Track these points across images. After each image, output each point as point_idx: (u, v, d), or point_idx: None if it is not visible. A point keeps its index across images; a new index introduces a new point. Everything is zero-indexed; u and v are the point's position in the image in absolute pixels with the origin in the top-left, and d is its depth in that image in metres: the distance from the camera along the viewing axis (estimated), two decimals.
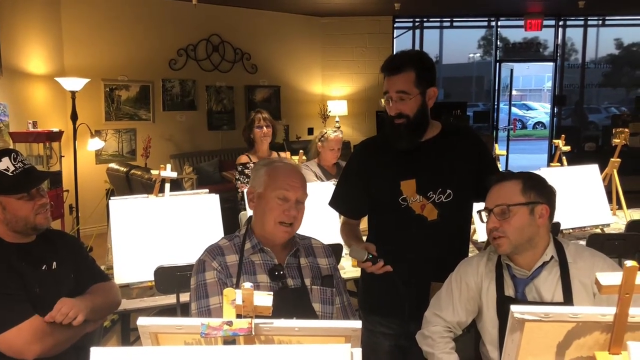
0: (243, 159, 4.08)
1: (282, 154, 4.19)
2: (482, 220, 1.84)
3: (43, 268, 1.90)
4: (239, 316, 1.06)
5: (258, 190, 1.79)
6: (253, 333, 1.03)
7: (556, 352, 1.21)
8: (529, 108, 20.76)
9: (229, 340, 1.05)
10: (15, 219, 1.85)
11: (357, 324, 1.09)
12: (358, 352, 0.98)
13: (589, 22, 10.68)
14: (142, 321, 1.10)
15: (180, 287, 2.46)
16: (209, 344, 1.09)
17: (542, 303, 1.74)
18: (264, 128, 4.04)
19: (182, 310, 2.49)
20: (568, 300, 1.72)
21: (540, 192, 1.77)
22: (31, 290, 1.82)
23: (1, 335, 1.72)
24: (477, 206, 2.29)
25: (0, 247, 1.84)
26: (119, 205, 2.77)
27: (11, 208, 1.84)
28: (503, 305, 1.76)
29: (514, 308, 1.18)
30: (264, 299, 1.08)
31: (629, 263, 1.10)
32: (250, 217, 1.87)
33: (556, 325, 1.17)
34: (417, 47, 10.50)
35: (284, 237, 1.78)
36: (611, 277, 1.11)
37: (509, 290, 1.79)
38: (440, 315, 1.87)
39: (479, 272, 1.85)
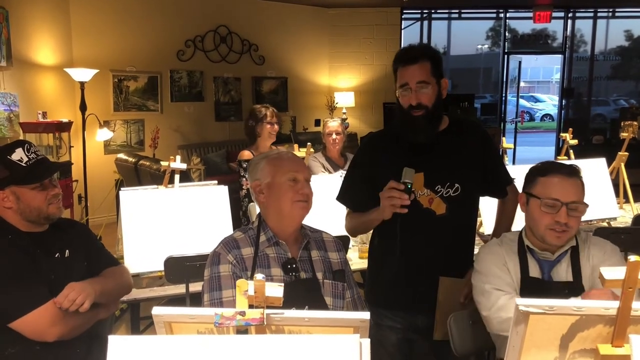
0: (246, 155, 3.94)
1: (281, 148, 4.15)
2: (524, 206, 1.86)
3: (56, 256, 1.94)
4: (250, 306, 1.09)
5: (265, 181, 1.81)
6: (265, 323, 1.06)
7: (560, 345, 1.23)
8: (536, 100, 20.66)
9: (242, 330, 1.08)
10: (28, 208, 1.88)
11: (366, 315, 1.12)
12: (367, 343, 1.00)
13: (599, 14, 10.60)
14: (156, 310, 1.13)
15: (190, 277, 2.49)
16: (221, 333, 1.12)
17: (567, 283, 1.80)
18: (275, 125, 3.94)
19: (192, 300, 2.53)
20: (577, 280, 1.80)
21: (584, 193, 1.83)
22: (47, 277, 1.86)
23: (23, 317, 1.77)
24: (483, 200, 2.32)
25: (16, 236, 1.89)
26: (129, 196, 2.81)
27: (25, 198, 1.87)
28: (528, 286, 1.81)
29: (519, 301, 1.20)
30: (275, 290, 1.11)
31: (633, 258, 1.12)
32: None
33: (560, 318, 1.20)
34: (425, 39, 10.47)
35: (303, 213, 1.82)
36: (615, 272, 1.13)
37: (534, 272, 1.84)
38: (499, 288, 1.85)
39: (504, 255, 1.89)
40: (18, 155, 1.87)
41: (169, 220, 2.80)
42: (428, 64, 2.00)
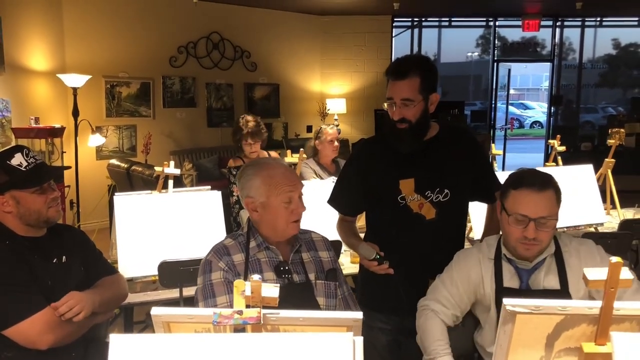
0: (237, 162, 3.99)
1: (273, 154, 4.17)
2: (500, 214, 1.86)
3: (54, 261, 1.96)
4: (247, 307, 1.13)
5: (260, 200, 1.80)
6: (262, 322, 1.10)
7: (546, 343, 1.27)
8: (526, 107, 20.84)
9: (239, 329, 1.12)
10: (28, 212, 1.91)
11: (359, 314, 1.16)
12: (360, 340, 1.04)
13: (587, 23, 10.75)
14: (155, 311, 1.17)
15: (184, 281, 2.52)
16: (218, 332, 1.15)
17: (546, 292, 1.80)
18: (252, 146, 3.94)
19: (185, 304, 2.55)
20: (564, 288, 1.80)
21: (559, 203, 1.82)
22: (43, 283, 1.88)
23: (16, 326, 1.78)
24: (473, 205, 2.36)
25: (13, 241, 1.90)
26: (123, 201, 2.83)
27: (25, 202, 1.90)
28: (501, 296, 1.82)
29: (506, 301, 1.24)
30: (271, 290, 1.14)
31: (614, 259, 1.17)
32: None
33: (546, 318, 1.24)
34: (415, 46, 10.57)
35: (296, 231, 1.86)
36: (597, 272, 1.18)
37: (510, 281, 1.85)
38: (443, 304, 1.91)
39: (480, 263, 1.90)
40: (17, 160, 1.89)
41: (163, 225, 2.82)
42: (417, 80, 2.01)
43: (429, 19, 10.65)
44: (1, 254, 1.86)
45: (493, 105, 10.71)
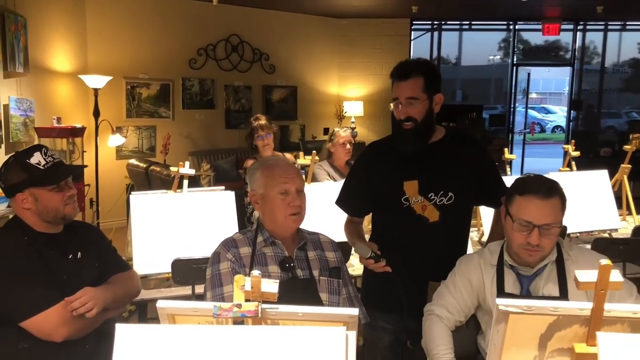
0: (250, 163, 4.06)
1: (288, 155, 4.25)
2: (504, 219, 1.88)
3: (69, 257, 2.04)
4: (247, 301, 1.18)
5: (260, 192, 1.92)
6: (259, 315, 1.15)
7: (538, 343, 1.30)
8: (548, 111, 20.65)
9: (238, 322, 1.17)
10: (46, 209, 1.98)
11: (354, 311, 1.20)
12: (353, 335, 1.09)
13: (610, 27, 10.63)
14: (161, 303, 1.23)
15: (196, 278, 2.58)
16: (220, 324, 1.21)
17: (546, 298, 1.82)
18: (264, 138, 4.04)
19: (196, 300, 2.62)
20: (563, 295, 1.82)
21: (564, 210, 1.84)
22: (59, 277, 1.96)
23: (32, 318, 1.86)
24: (485, 209, 2.37)
25: (31, 236, 1.98)
26: (140, 200, 2.91)
27: (43, 199, 1.97)
28: None
29: (499, 301, 1.27)
30: (271, 286, 1.19)
31: (604, 261, 1.19)
32: None
33: (538, 318, 1.27)
34: (435, 49, 10.56)
35: (295, 225, 1.93)
36: (587, 275, 1.21)
37: (512, 287, 1.88)
38: (448, 310, 1.96)
39: (480, 268, 1.94)
40: (36, 158, 1.97)
41: (177, 223, 2.90)
42: (421, 80, 2.08)
43: (448, 22, 10.63)
44: (20, 248, 1.93)
45: (512, 109, 10.65)
